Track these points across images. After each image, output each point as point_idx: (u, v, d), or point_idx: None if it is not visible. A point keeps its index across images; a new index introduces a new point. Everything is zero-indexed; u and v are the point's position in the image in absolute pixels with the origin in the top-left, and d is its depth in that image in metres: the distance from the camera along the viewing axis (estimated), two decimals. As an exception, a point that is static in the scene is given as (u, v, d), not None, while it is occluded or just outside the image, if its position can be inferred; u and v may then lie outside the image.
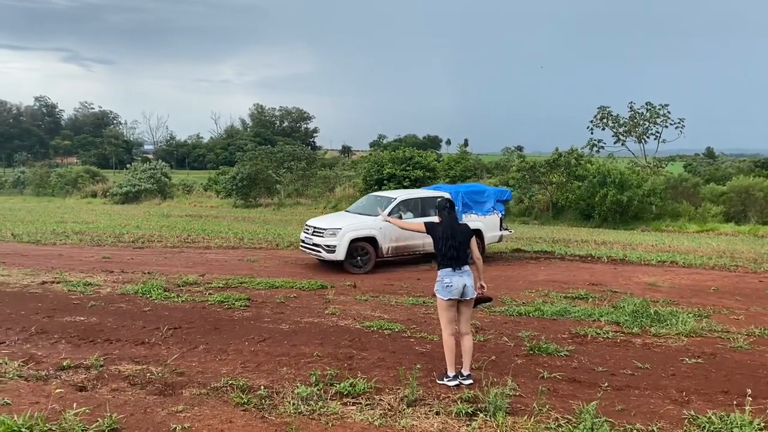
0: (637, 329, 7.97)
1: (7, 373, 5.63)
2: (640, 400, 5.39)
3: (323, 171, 52.05)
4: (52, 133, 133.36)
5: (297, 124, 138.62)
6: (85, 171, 58.37)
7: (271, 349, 6.72)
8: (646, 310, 8.85)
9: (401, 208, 13.72)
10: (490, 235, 14.74)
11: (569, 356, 6.72)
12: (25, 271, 12.08)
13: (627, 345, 7.32)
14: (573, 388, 5.70)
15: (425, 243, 13.38)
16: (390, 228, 13.16)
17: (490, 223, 14.72)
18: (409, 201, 14.05)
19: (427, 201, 13.96)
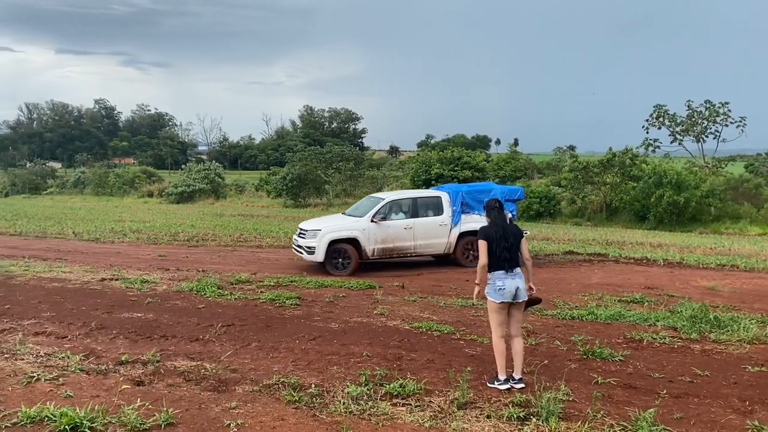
0: (695, 335, 7.70)
1: (69, 366, 5.85)
2: (700, 408, 5.20)
3: (371, 171, 52.31)
4: (111, 134, 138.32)
5: (345, 125, 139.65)
6: (141, 171, 60.32)
7: (321, 348, 6.78)
8: (705, 315, 8.53)
9: (393, 209, 13.64)
10: None
11: (624, 361, 6.54)
12: (86, 268, 12.55)
13: (685, 351, 7.08)
14: (628, 394, 5.54)
15: (416, 245, 13.51)
16: (375, 229, 13.17)
17: None
18: (401, 201, 13.91)
19: (421, 201, 13.88)
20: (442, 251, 13.80)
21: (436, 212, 13.75)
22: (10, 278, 11.12)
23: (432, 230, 13.58)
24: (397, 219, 13.52)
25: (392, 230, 13.37)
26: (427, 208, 13.87)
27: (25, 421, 4.41)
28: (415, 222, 13.51)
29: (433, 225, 13.59)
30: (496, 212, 5.84)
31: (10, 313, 8.34)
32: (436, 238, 13.61)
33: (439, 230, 13.61)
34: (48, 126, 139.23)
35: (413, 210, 13.73)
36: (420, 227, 13.50)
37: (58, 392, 5.08)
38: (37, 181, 61.38)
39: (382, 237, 13.27)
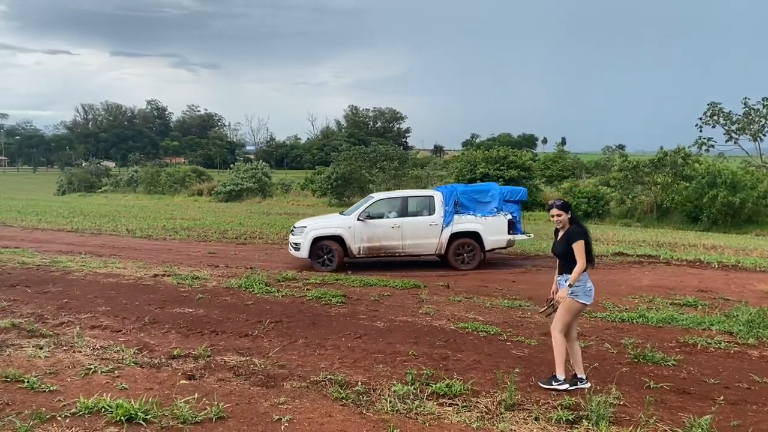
0: (753, 340, 7.43)
1: (124, 359, 6.04)
2: (759, 416, 5.02)
3: (415, 171, 52.25)
4: (162, 134, 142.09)
5: (390, 125, 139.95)
6: (192, 170, 61.62)
7: (367, 346, 6.81)
8: (764, 320, 8.23)
9: (382, 208, 13.60)
10: (493, 239, 13.40)
11: (677, 366, 6.37)
12: (139, 264, 12.93)
13: (742, 357, 6.84)
14: (682, 399, 5.39)
15: (405, 245, 13.34)
16: (361, 227, 13.17)
17: (492, 226, 13.34)
18: (390, 200, 13.85)
19: (412, 200, 13.78)
20: (433, 252, 13.51)
21: (427, 212, 13.48)
22: (67, 273, 11.54)
23: (421, 230, 13.32)
24: (385, 218, 13.42)
25: (379, 229, 13.30)
26: (418, 208, 13.68)
27: (83, 411, 4.57)
28: (404, 221, 13.33)
29: (422, 225, 13.33)
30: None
31: (68, 307, 8.65)
32: (425, 239, 13.33)
33: (429, 230, 13.29)
34: (103, 126, 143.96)
35: (402, 209, 13.57)
36: (408, 227, 13.30)
37: (114, 384, 5.25)
38: (92, 180, 63.46)
39: (368, 236, 13.24)
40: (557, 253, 5.68)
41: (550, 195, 38.83)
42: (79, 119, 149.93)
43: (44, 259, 13.22)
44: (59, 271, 11.79)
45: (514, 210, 13.70)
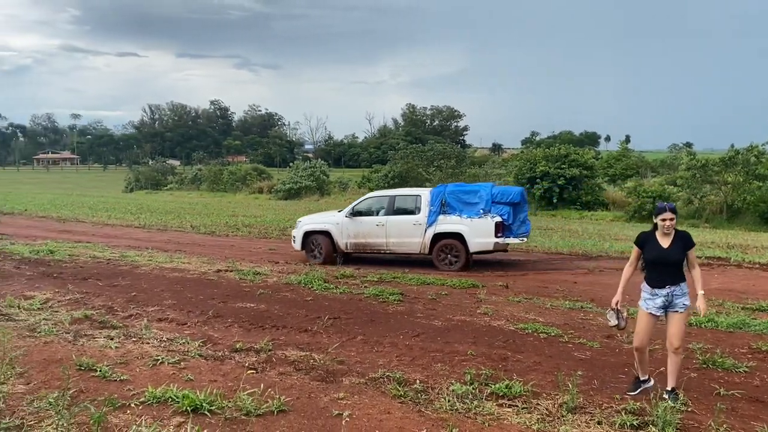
0: (833, 349, 7.01)
1: (189, 352, 6.23)
2: (841, 429, 4.73)
3: (472, 169, 51.78)
4: (225, 133, 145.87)
5: (447, 123, 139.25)
6: (252, 169, 62.97)
7: (425, 345, 6.80)
8: None
9: (371, 206, 13.84)
10: (478, 242, 12.83)
11: (749, 373, 6.08)
12: (203, 260, 13.32)
13: (821, 366, 6.47)
14: (755, 408, 5.14)
15: (389, 242, 13.44)
16: (348, 223, 13.60)
17: (477, 228, 12.80)
18: (379, 198, 14.07)
19: (399, 199, 13.81)
20: (417, 251, 13.36)
21: (413, 211, 13.40)
22: (135, 267, 12.01)
23: (405, 229, 13.27)
24: (371, 215, 13.65)
25: (364, 226, 13.56)
26: (405, 207, 13.64)
27: (151, 400, 4.75)
28: (388, 219, 13.42)
29: (406, 224, 13.28)
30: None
31: (137, 300, 9.00)
32: (409, 237, 13.26)
33: (413, 229, 13.20)
34: (168, 126, 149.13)
35: (389, 207, 13.63)
36: (392, 225, 13.35)
37: (180, 375, 5.42)
38: (158, 178, 65.73)
39: (354, 232, 13.59)
40: (671, 260, 5.17)
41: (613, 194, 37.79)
42: (146, 119, 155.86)
43: (114, 254, 13.80)
44: (128, 265, 12.28)
45: (504, 212, 12.96)
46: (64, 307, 8.43)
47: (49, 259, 12.68)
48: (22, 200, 34.95)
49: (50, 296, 9.13)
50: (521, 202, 13.37)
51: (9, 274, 10.98)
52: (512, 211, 13.02)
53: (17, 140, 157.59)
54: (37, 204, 31.99)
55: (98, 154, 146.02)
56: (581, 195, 35.36)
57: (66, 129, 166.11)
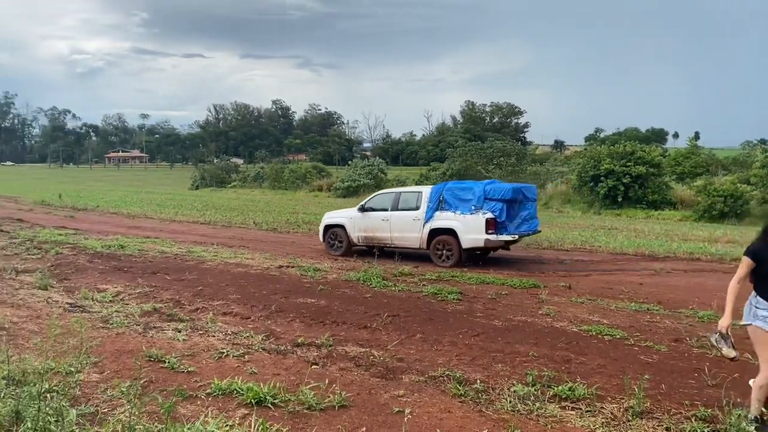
0: None
1: (253, 345, 6.38)
2: None
3: (533, 167, 50.87)
4: (286, 132, 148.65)
5: (507, 120, 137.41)
6: (312, 167, 63.80)
7: (485, 345, 6.73)
8: None
9: (380, 201, 14.38)
10: (470, 238, 12.73)
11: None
12: (265, 256, 13.61)
13: None
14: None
15: (392, 237, 13.98)
16: (360, 218, 14.33)
17: (469, 224, 12.73)
18: (388, 195, 14.69)
19: (404, 195, 14.27)
20: (416, 246, 13.62)
21: (415, 207, 13.68)
22: (201, 263, 12.38)
23: (406, 224, 13.67)
24: (379, 211, 14.17)
25: (372, 221, 14.19)
26: (408, 203, 13.96)
27: (217, 392, 4.89)
28: (392, 215, 13.92)
29: (407, 219, 13.66)
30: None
31: (203, 294, 9.29)
32: (409, 232, 13.64)
33: (413, 225, 13.56)
34: (232, 125, 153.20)
35: (394, 204, 14.07)
36: (396, 220, 13.84)
37: (244, 368, 5.56)
38: (223, 176, 67.45)
39: (364, 226, 14.28)
40: None
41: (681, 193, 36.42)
42: (211, 119, 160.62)
43: (181, 249, 14.27)
44: (194, 260, 12.67)
45: (497, 209, 12.71)
46: (134, 300, 8.79)
47: (120, 254, 13.23)
48: (95, 197, 36.60)
49: (121, 289, 9.54)
50: (518, 199, 13.16)
51: (83, 267, 11.53)
52: (506, 208, 12.83)
53: (90, 139, 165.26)
54: (108, 201, 33.42)
55: (165, 153, 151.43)
56: (647, 194, 34.18)
57: (135, 128, 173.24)
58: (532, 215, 13.68)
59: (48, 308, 7.78)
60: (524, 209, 13.41)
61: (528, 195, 13.67)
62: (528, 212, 13.52)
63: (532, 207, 13.78)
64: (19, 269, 11.04)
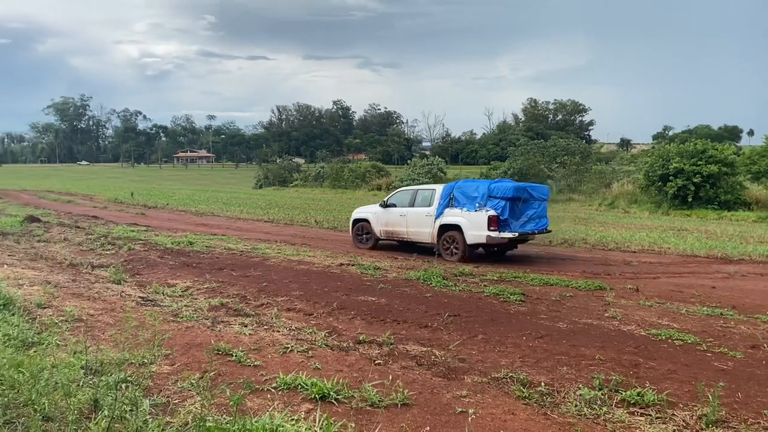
0: None
1: (316, 341, 6.48)
2: None
3: (598, 166, 49.52)
4: (346, 132, 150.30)
5: (571, 117, 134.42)
6: (372, 166, 64.22)
7: (549, 347, 6.61)
8: None
9: (400, 198, 15.25)
10: (473, 234, 13.20)
11: None
12: (326, 253, 13.80)
13: None
14: None
15: (408, 231, 14.75)
16: (382, 213, 15.25)
17: (474, 220, 13.20)
18: (407, 192, 15.55)
19: (420, 193, 14.99)
20: (428, 240, 14.28)
21: (429, 204, 14.31)
22: (266, 259, 12.67)
23: (420, 220, 14.38)
24: (398, 207, 15.00)
25: (392, 216, 15.06)
26: (423, 200, 14.61)
27: (282, 386, 4.99)
28: (408, 211, 14.73)
29: (421, 215, 14.38)
30: None
31: (267, 290, 9.50)
32: (422, 227, 14.33)
33: (425, 220, 14.24)
34: (294, 126, 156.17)
35: (412, 200, 14.84)
36: (412, 216, 14.62)
37: (308, 364, 5.66)
38: (285, 175, 68.78)
39: (385, 221, 15.19)
40: None
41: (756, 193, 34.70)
42: (274, 119, 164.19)
43: (246, 246, 14.64)
44: (259, 257, 12.97)
45: (499, 206, 13.07)
46: (202, 295, 9.08)
47: (188, 250, 13.69)
48: (164, 195, 38.00)
49: (190, 284, 9.87)
50: (522, 198, 13.43)
51: (154, 263, 11.99)
52: (509, 206, 13.16)
53: (160, 140, 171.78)
54: (177, 199, 34.63)
55: (231, 153, 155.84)
56: (720, 193, 32.71)
57: (202, 129, 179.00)
58: (539, 214, 13.87)
59: (121, 302, 8.14)
60: (530, 208, 13.64)
61: (535, 194, 13.83)
62: (535, 211, 13.74)
63: (540, 206, 13.92)
64: (95, 264, 11.58)
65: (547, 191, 14.90)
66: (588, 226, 22.44)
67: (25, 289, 8.37)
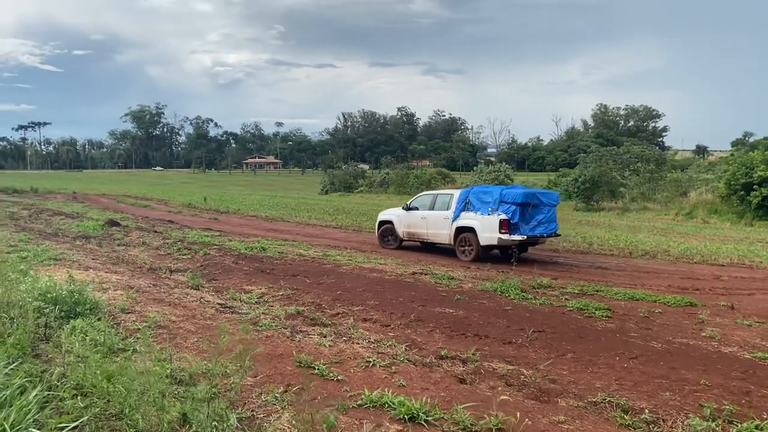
0: None
1: (398, 355, 6.26)
2: None
3: (673, 173, 47.45)
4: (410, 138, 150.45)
5: (644, 123, 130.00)
6: (437, 173, 63.94)
7: (646, 369, 6.16)
8: None
9: (421, 202, 16.43)
10: (486, 236, 14.24)
11: None
12: (397, 261, 13.62)
13: None
14: None
15: (428, 233, 15.84)
16: (405, 216, 16.42)
17: (486, 223, 14.23)
18: (427, 196, 16.71)
19: (439, 197, 16.05)
20: (446, 241, 15.38)
21: (447, 207, 15.34)
22: (338, 266, 12.60)
23: (439, 222, 15.44)
24: (420, 210, 16.14)
25: (414, 219, 16.22)
26: (442, 204, 15.65)
27: (368, 404, 4.79)
28: (428, 214, 15.84)
29: (440, 218, 15.43)
30: None
31: (342, 298, 9.38)
32: (441, 229, 15.40)
33: (444, 223, 15.30)
34: (359, 132, 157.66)
35: (432, 204, 15.94)
36: (432, 218, 15.70)
37: (392, 380, 5.45)
38: (350, 181, 69.36)
39: (407, 223, 16.38)
40: None
41: None
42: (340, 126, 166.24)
43: (317, 253, 14.65)
44: (331, 264, 12.93)
45: (510, 211, 14.01)
46: (277, 302, 9.06)
47: (261, 256, 13.80)
48: (235, 201, 38.86)
49: (265, 291, 9.88)
50: (531, 203, 14.33)
51: (229, 268, 12.12)
52: (518, 211, 14.08)
53: (230, 146, 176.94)
54: (247, 204, 35.34)
55: (297, 159, 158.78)
56: (809, 204, 30.67)
57: (270, 136, 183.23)
58: (549, 219, 14.76)
59: (201, 308, 8.18)
60: (540, 213, 14.55)
61: (544, 200, 14.75)
62: (544, 216, 14.64)
63: (549, 211, 14.80)
64: (173, 268, 11.81)
65: (557, 197, 15.75)
66: (668, 237, 21.39)
67: (109, 294, 8.55)
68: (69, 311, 6.93)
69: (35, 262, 11.29)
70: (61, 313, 6.81)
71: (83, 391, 4.46)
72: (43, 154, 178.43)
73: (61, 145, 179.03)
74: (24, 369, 4.51)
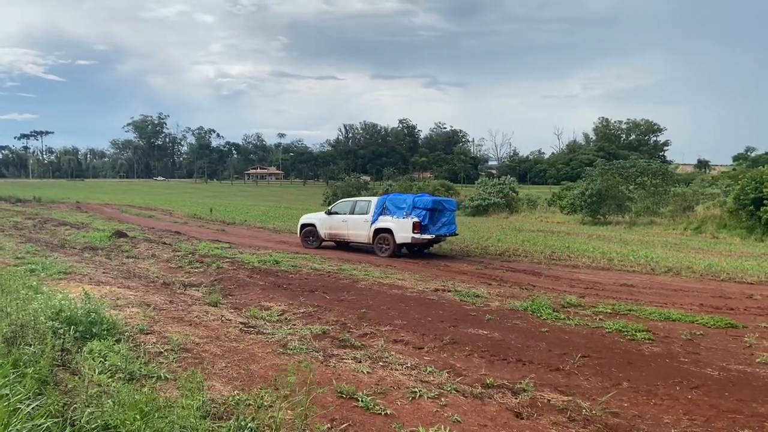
0: None
1: (444, 385, 5.78)
2: None
3: (678, 188, 47.06)
4: (412, 150, 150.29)
5: (645, 137, 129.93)
6: (440, 185, 63.42)
7: (713, 401, 5.70)
8: None
9: (341, 207, 19.10)
10: (401, 235, 16.99)
11: None
12: (416, 277, 13.16)
13: None
14: None
15: (349, 234, 18.41)
16: (327, 219, 18.88)
17: (402, 225, 17.01)
18: (347, 202, 19.49)
19: (359, 203, 18.78)
20: (364, 241, 17.97)
21: (365, 212, 18.02)
22: (355, 282, 12.15)
23: (359, 225, 18.03)
24: (340, 214, 18.64)
25: (335, 221, 18.71)
26: (361, 209, 18.31)
27: (424, 442, 4.34)
28: (349, 218, 18.41)
29: (360, 221, 18.04)
30: None
31: (367, 317, 8.92)
32: (361, 230, 17.99)
33: (363, 225, 17.90)
34: (360, 144, 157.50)
35: (352, 209, 18.57)
36: (352, 221, 18.28)
37: (444, 414, 4.98)
38: (353, 193, 68.72)
39: (329, 225, 18.83)
40: None
41: None
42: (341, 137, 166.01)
43: (332, 267, 14.19)
44: (347, 278, 12.47)
45: (421, 215, 16.87)
46: (299, 320, 8.61)
47: (276, 270, 13.34)
48: (240, 211, 38.41)
49: (285, 308, 9.42)
50: (438, 209, 17.29)
51: (244, 282, 11.66)
52: (429, 215, 16.97)
53: (232, 157, 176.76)
54: (252, 215, 34.89)
55: (299, 170, 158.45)
56: (823, 219, 30.27)
57: (272, 147, 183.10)
58: (450, 221, 17.81)
59: (224, 328, 7.71)
60: (444, 216, 17.56)
61: (447, 206, 17.89)
62: (446, 219, 17.68)
63: (450, 216, 17.84)
64: (186, 283, 11.35)
65: (455, 204, 19.14)
66: (684, 252, 20.95)
67: (125, 312, 8.08)
68: (85, 332, 6.48)
69: (45, 275, 10.83)
70: (77, 334, 6.33)
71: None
72: (45, 163, 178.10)
73: (63, 154, 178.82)
74: (46, 406, 4.03)
